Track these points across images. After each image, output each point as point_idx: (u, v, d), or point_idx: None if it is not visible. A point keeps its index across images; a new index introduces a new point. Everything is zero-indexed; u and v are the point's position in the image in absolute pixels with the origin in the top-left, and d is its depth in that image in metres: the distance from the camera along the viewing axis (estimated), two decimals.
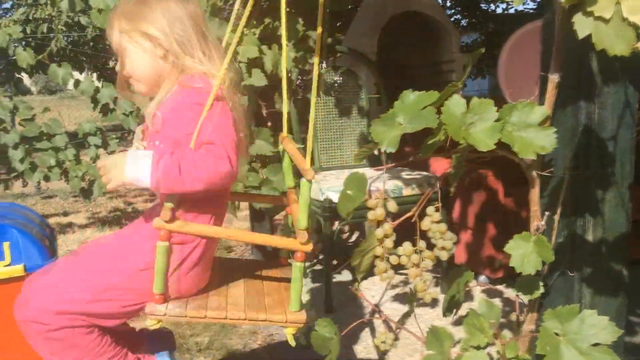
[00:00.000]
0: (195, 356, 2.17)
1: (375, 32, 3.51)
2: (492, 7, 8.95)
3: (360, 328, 2.31)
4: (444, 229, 1.04)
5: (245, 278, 1.49)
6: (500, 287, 2.71)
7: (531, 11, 8.98)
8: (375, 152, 1.22)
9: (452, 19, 8.40)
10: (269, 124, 2.68)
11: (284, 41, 1.26)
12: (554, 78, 0.97)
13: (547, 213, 1.02)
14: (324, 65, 3.05)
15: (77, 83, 3.56)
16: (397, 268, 1.23)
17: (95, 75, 9.21)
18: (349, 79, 3.00)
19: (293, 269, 1.28)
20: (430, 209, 1.05)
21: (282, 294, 1.42)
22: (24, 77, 11.29)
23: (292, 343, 1.33)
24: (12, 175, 3.65)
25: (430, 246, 1.19)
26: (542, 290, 1.05)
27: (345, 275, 2.97)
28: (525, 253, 0.98)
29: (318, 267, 3.10)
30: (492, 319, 1.26)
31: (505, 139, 0.94)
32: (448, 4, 8.29)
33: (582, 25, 0.79)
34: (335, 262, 2.81)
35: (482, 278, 2.75)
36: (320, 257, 3.22)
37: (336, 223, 2.59)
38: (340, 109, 2.96)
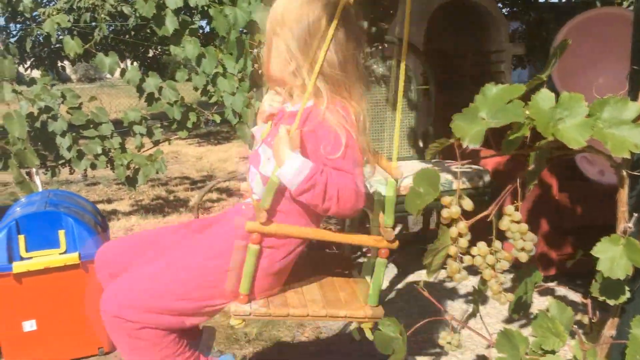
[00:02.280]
0: (244, 347, 2.17)
1: (423, 21, 3.44)
2: None
3: (411, 324, 2.28)
4: (525, 230, 1.00)
5: (314, 272, 1.51)
6: (552, 285, 2.63)
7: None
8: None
9: None
10: None
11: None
12: None
13: (635, 214, 0.97)
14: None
15: (123, 72, 3.59)
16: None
17: (136, 64, 9.32)
18: (397, 70, 2.94)
19: (377, 264, 1.32)
20: (509, 208, 1.01)
21: (353, 288, 1.44)
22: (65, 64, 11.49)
23: (371, 337, 1.33)
24: (60, 162, 3.71)
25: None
26: (628, 295, 1.00)
27: (390, 270, 2.93)
28: (614, 256, 0.93)
29: (362, 259, 3.07)
30: (565, 322, 1.21)
31: (596, 135, 0.89)
32: None
33: None
34: None
35: None
36: (364, 249, 3.19)
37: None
38: (387, 100, 2.91)
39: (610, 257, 0.93)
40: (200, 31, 6.69)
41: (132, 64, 9.10)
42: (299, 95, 1.35)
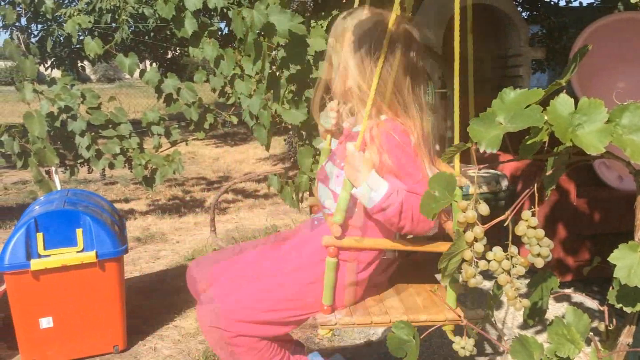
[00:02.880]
0: None
1: (442, 24, 3.42)
2: None
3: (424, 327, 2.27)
4: (541, 235, 0.99)
5: (389, 279, 1.57)
6: (568, 291, 2.61)
7: (597, 4, 8.60)
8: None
9: None
10: None
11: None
12: None
13: None
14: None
15: (142, 73, 3.62)
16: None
17: (155, 65, 9.39)
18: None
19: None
20: (526, 213, 1.00)
21: (429, 293, 1.50)
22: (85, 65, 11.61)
23: (454, 339, 1.33)
24: (79, 161, 3.75)
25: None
26: None
27: None
28: (632, 264, 0.92)
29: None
30: (581, 329, 1.20)
31: (615, 142, 0.88)
32: None
33: None
34: None
35: None
36: None
37: None
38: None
39: (628, 264, 0.92)
40: (219, 33, 6.72)
41: (151, 65, 9.17)
42: (359, 114, 1.41)
